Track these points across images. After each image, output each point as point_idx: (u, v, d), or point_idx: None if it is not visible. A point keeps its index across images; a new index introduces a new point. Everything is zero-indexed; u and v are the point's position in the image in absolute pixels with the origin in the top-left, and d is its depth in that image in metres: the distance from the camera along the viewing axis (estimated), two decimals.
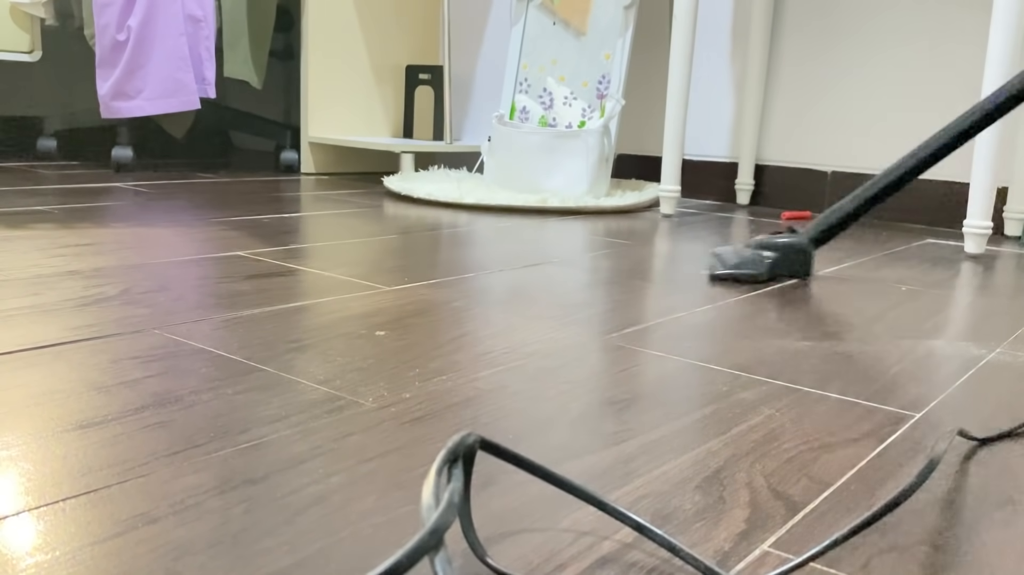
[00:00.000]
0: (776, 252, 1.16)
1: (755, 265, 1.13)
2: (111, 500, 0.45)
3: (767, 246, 1.16)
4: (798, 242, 1.17)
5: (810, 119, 1.94)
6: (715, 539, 0.44)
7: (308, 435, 0.54)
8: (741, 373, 0.72)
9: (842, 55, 1.88)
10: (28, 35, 2.02)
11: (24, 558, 0.39)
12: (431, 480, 0.34)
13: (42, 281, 0.93)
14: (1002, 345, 0.86)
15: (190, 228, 1.32)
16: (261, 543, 0.41)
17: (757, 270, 1.13)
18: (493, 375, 0.68)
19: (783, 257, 1.17)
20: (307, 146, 2.26)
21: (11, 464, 0.48)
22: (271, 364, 0.68)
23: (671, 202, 1.78)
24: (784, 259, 1.17)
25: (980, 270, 1.30)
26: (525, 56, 2.03)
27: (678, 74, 1.70)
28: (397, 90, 2.43)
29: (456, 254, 1.21)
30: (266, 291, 0.93)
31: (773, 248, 1.16)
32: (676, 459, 0.54)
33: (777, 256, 1.16)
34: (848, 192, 1.89)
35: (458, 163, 2.54)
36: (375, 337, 0.77)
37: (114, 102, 1.94)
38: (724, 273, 1.13)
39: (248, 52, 2.07)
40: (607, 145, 1.85)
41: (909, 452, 0.57)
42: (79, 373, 0.64)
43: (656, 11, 2.15)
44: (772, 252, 1.16)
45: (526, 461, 0.41)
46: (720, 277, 1.14)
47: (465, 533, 0.40)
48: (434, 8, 2.48)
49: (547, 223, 1.59)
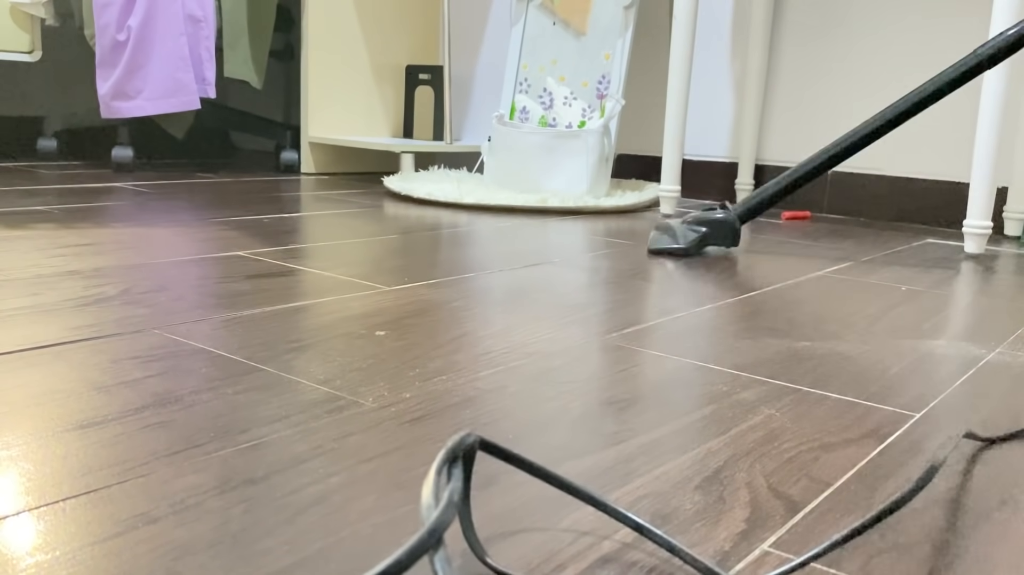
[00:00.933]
0: (707, 227, 1.33)
1: (686, 239, 1.30)
2: (111, 500, 0.45)
3: (700, 221, 1.33)
4: (727, 217, 1.34)
5: (810, 119, 1.94)
6: (715, 539, 0.44)
7: (308, 435, 0.54)
8: (741, 373, 0.72)
9: (842, 55, 1.88)
10: (28, 35, 2.02)
11: (24, 558, 0.39)
12: (431, 480, 0.34)
13: (42, 281, 0.93)
14: (1002, 345, 0.86)
15: (190, 228, 1.32)
16: (261, 543, 0.41)
17: (687, 243, 1.30)
18: (493, 375, 0.68)
19: (713, 231, 1.33)
20: (307, 146, 2.26)
21: (11, 464, 0.48)
22: (271, 364, 0.68)
23: (671, 202, 1.78)
24: (714, 233, 1.33)
25: (980, 270, 1.30)
26: (525, 56, 2.03)
27: (678, 74, 1.70)
28: (397, 90, 2.43)
29: (456, 254, 1.21)
30: (266, 291, 0.93)
31: (705, 223, 1.33)
32: (676, 459, 0.54)
33: (707, 231, 1.33)
34: (848, 192, 1.89)
35: (458, 163, 2.54)
36: (375, 337, 0.77)
37: (114, 102, 1.94)
38: (659, 248, 1.30)
39: (248, 52, 2.07)
40: (607, 145, 1.85)
41: (909, 452, 0.57)
42: (79, 373, 0.64)
43: (656, 11, 2.15)
44: (703, 227, 1.33)
45: (525, 461, 0.41)
46: (656, 252, 1.30)
47: (465, 533, 0.40)
48: (434, 8, 2.48)
49: (547, 223, 1.59)
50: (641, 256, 1.28)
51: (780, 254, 1.36)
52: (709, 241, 1.33)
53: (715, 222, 1.33)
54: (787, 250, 1.40)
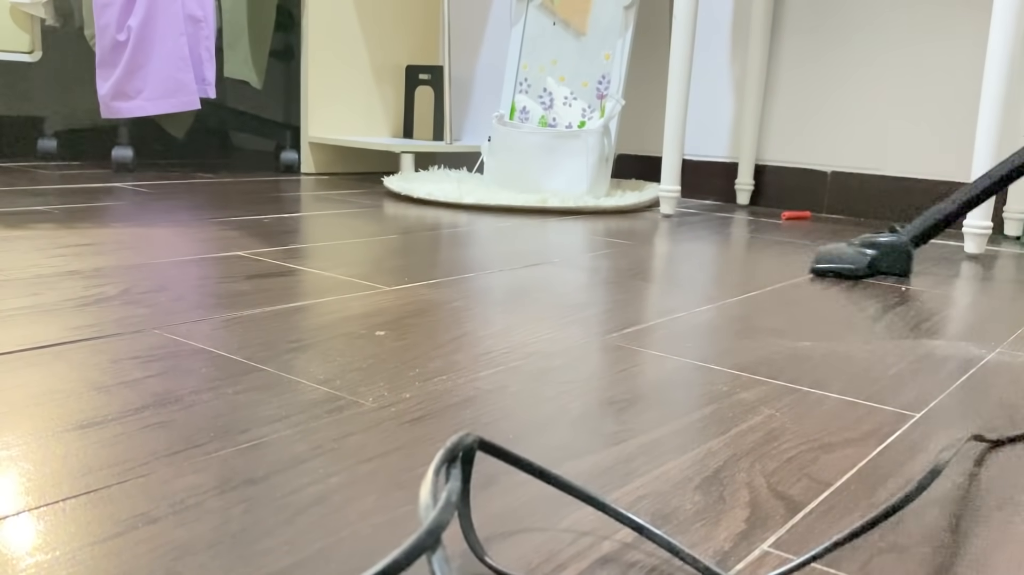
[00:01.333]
0: (876, 250, 1.23)
1: (855, 260, 1.21)
2: (111, 500, 0.45)
3: (869, 244, 1.24)
4: (898, 241, 1.24)
5: (810, 119, 1.94)
6: (715, 539, 0.44)
7: (308, 435, 0.54)
8: (741, 373, 0.72)
9: (842, 55, 1.88)
10: (28, 35, 2.02)
11: (24, 558, 0.39)
12: (429, 480, 0.34)
13: (42, 281, 0.93)
14: (1002, 345, 0.86)
15: (190, 228, 1.32)
16: (261, 543, 0.41)
17: (857, 265, 1.20)
18: (493, 375, 0.68)
19: (883, 255, 1.23)
20: (307, 146, 2.26)
21: (11, 464, 0.48)
22: (271, 364, 0.68)
23: (671, 202, 1.78)
24: (883, 256, 1.23)
25: (980, 270, 1.30)
26: (525, 56, 2.03)
27: (678, 74, 1.70)
28: (397, 90, 2.43)
29: (456, 254, 1.21)
30: (266, 291, 0.93)
31: (874, 246, 1.23)
32: (676, 459, 0.54)
33: (877, 254, 1.23)
34: (848, 192, 1.89)
35: (458, 163, 2.54)
36: (375, 337, 0.77)
37: (114, 102, 1.94)
38: (825, 267, 1.21)
39: (248, 52, 2.07)
40: (607, 145, 1.85)
41: (909, 452, 0.57)
42: (79, 373, 0.64)
43: (656, 11, 2.15)
44: (872, 250, 1.23)
45: (524, 461, 0.41)
46: (821, 271, 1.21)
47: (464, 533, 0.40)
48: (434, 8, 2.48)
49: (547, 223, 1.59)
50: (641, 256, 1.27)
51: (780, 254, 1.36)
52: (879, 266, 1.23)
53: (886, 245, 1.23)
54: (787, 250, 1.40)
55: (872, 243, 1.23)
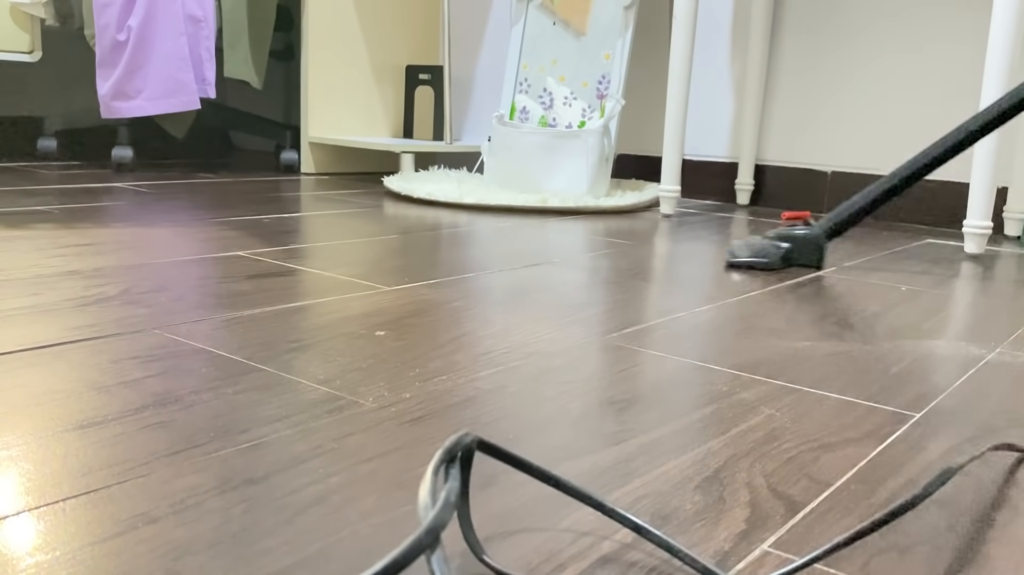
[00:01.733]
0: (790, 243, 1.25)
1: (770, 253, 1.22)
2: (111, 500, 0.45)
3: (783, 237, 1.25)
4: (812, 234, 1.26)
5: (810, 119, 1.94)
6: (715, 539, 0.44)
7: (308, 435, 0.54)
8: (741, 373, 0.72)
9: (842, 55, 1.88)
10: (28, 35, 2.02)
11: (24, 558, 0.39)
12: (427, 480, 0.34)
13: (42, 281, 0.93)
14: (1002, 345, 0.86)
15: (190, 228, 1.32)
16: (261, 543, 0.41)
17: (771, 259, 1.21)
18: (493, 375, 0.68)
19: (797, 248, 1.25)
20: (307, 146, 2.26)
21: (11, 464, 0.48)
22: (271, 364, 0.68)
23: (671, 202, 1.78)
24: (797, 249, 1.25)
25: (980, 270, 1.30)
26: (525, 56, 2.03)
27: (678, 74, 1.70)
28: (397, 90, 2.43)
29: (456, 254, 1.21)
30: (266, 291, 0.93)
31: (788, 239, 1.25)
32: (676, 459, 0.54)
33: (791, 247, 1.24)
34: (848, 192, 1.89)
35: (458, 163, 2.54)
36: (375, 337, 0.77)
37: (114, 102, 1.94)
38: (740, 261, 1.22)
39: (248, 52, 2.07)
40: (607, 145, 1.85)
41: (909, 452, 0.57)
42: (79, 373, 0.64)
43: (656, 11, 2.15)
44: (787, 243, 1.24)
45: (522, 461, 0.41)
46: (736, 265, 1.22)
47: (464, 533, 0.40)
48: (434, 8, 2.48)
49: (547, 223, 1.59)
50: (641, 256, 1.28)
51: None
52: (793, 258, 1.25)
53: (799, 239, 1.26)
54: None
55: (787, 236, 1.26)
